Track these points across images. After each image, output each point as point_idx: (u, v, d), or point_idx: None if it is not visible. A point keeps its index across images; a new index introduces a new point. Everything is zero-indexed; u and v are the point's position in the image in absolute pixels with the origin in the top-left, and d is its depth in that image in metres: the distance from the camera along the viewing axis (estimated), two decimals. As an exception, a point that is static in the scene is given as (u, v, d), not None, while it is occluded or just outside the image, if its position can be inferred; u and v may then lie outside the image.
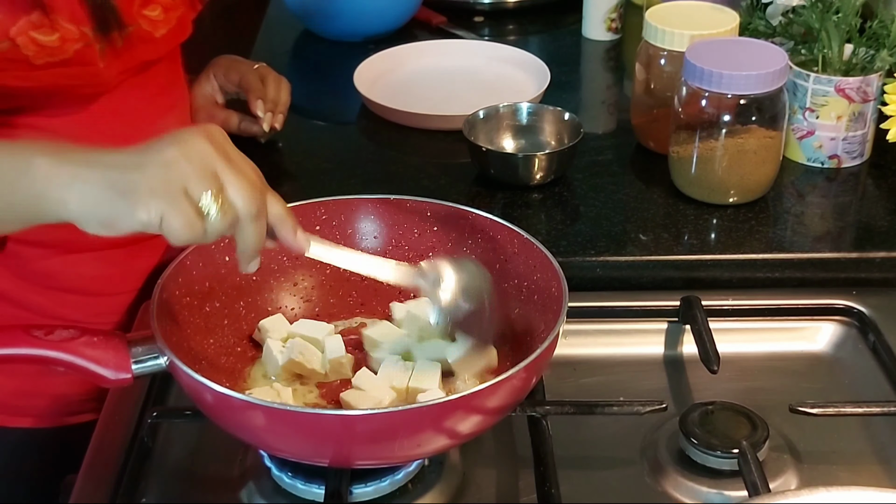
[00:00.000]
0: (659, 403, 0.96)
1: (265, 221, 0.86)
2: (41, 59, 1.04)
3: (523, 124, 1.37)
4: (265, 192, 0.86)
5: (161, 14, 1.14)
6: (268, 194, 0.86)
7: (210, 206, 0.83)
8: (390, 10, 1.72)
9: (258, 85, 1.34)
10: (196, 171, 0.82)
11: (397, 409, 0.89)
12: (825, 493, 0.75)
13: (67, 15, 1.05)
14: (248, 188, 0.84)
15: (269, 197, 0.86)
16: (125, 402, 1.02)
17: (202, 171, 0.82)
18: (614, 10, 1.69)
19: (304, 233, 0.89)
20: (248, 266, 0.88)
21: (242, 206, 0.83)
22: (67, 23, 1.04)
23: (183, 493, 0.95)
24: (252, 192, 0.84)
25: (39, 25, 1.03)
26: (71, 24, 1.05)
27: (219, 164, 0.83)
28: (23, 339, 0.88)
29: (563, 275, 0.95)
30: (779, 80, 1.20)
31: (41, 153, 0.85)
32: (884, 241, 1.20)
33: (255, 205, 0.84)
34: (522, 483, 0.95)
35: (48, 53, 1.04)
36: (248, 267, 0.88)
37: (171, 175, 0.82)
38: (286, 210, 0.87)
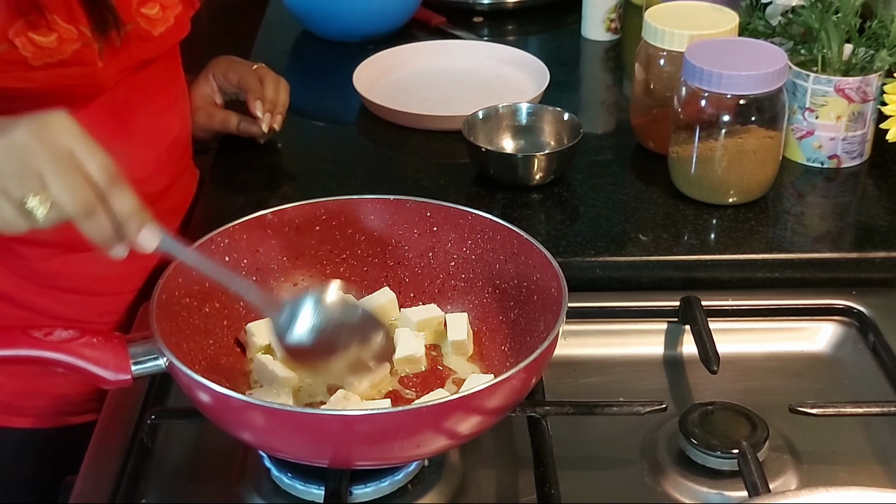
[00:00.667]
0: (659, 404, 0.96)
1: (103, 218, 0.83)
2: (39, 60, 1.04)
3: (523, 124, 1.37)
4: (105, 187, 0.83)
5: (159, 12, 1.14)
6: (113, 190, 0.83)
7: (32, 205, 0.82)
8: (390, 11, 1.72)
9: (257, 85, 1.34)
10: (15, 170, 0.81)
11: (397, 410, 0.89)
12: (825, 494, 0.75)
13: (65, 15, 1.04)
14: (74, 188, 0.81)
15: (113, 193, 0.83)
16: (125, 403, 1.02)
17: (22, 172, 0.81)
18: (614, 10, 1.69)
19: (153, 228, 0.86)
20: (109, 254, 0.86)
21: (66, 206, 0.82)
22: (65, 23, 1.04)
23: (183, 494, 0.95)
24: (77, 192, 0.81)
25: (37, 26, 1.03)
26: (69, 25, 1.05)
27: (42, 161, 0.81)
28: (22, 340, 0.88)
29: (562, 275, 0.95)
30: (778, 80, 1.20)
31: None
32: (884, 241, 1.20)
33: (80, 205, 0.82)
34: (522, 483, 0.95)
35: (46, 54, 1.04)
36: (109, 254, 0.86)
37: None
38: (133, 207, 0.85)
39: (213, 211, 1.28)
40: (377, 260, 1.07)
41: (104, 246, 0.85)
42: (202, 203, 1.31)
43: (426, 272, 1.07)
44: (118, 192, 0.84)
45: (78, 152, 0.83)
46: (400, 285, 1.07)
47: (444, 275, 1.06)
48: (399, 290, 1.06)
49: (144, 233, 0.86)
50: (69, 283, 1.17)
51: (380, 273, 1.07)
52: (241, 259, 1.03)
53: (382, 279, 1.07)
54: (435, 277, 1.06)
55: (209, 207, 1.29)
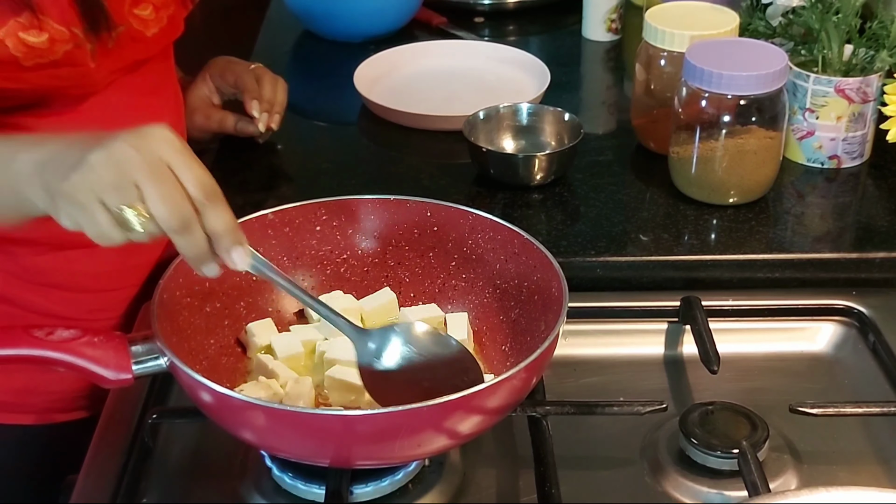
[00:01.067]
0: (659, 403, 0.96)
1: (199, 234, 0.82)
2: (30, 60, 1.04)
3: (523, 125, 1.37)
4: (203, 204, 0.82)
5: (152, 13, 1.14)
6: (210, 207, 0.82)
7: (129, 216, 0.81)
8: (390, 11, 1.72)
9: (254, 85, 1.34)
10: (113, 180, 0.81)
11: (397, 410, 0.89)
12: (825, 494, 0.75)
13: (57, 16, 1.04)
14: (172, 202, 0.80)
15: (210, 209, 0.82)
16: (126, 403, 1.02)
17: (119, 182, 0.81)
18: (614, 10, 1.69)
19: (246, 251, 0.85)
20: (201, 271, 0.85)
21: (163, 220, 0.81)
22: (57, 24, 1.04)
23: (183, 494, 0.95)
24: (174, 207, 0.81)
25: (28, 27, 1.02)
26: (60, 25, 1.04)
27: (141, 173, 0.80)
28: (23, 340, 0.88)
29: (563, 275, 0.95)
30: (779, 80, 1.20)
31: (24, 149, 0.87)
32: (884, 241, 1.20)
33: (176, 220, 0.81)
34: (522, 483, 0.95)
35: (37, 55, 1.04)
36: (200, 272, 0.85)
37: (87, 182, 0.81)
38: (227, 226, 0.84)
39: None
40: (377, 260, 1.07)
41: (195, 262, 0.85)
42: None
43: (426, 272, 1.07)
44: (214, 209, 0.83)
45: (176, 165, 0.82)
46: (400, 285, 1.07)
47: (444, 275, 1.06)
48: (399, 290, 1.06)
49: (236, 252, 0.85)
50: (59, 280, 1.17)
51: (380, 273, 1.07)
52: (242, 259, 1.03)
53: (382, 279, 1.07)
54: (435, 277, 1.07)
55: (210, 207, 1.29)
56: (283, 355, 0.99)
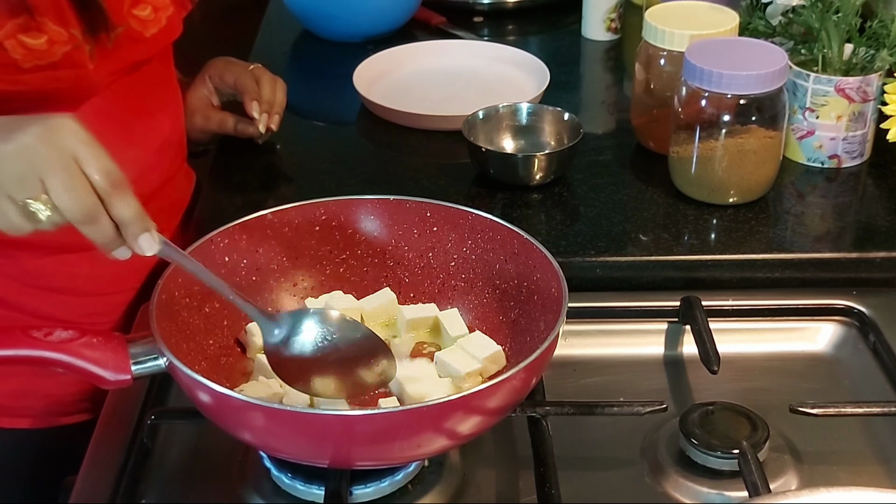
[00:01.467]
0: (659, 404, 0.96)
1: (105, 223, 0.84)
2: (29, 62, 1.03)
3: (523, 124, 1.37)
4: (109, 194, 0.84)
5: (151, 14, 1.14)
6: (115, 196, 0.84)
7: (35, 208, 0.83)
8: (390, 11, 1.72)
9: (253, 86, 1.33)
10: (19, 173, 0.83)
11: (397, 410, 0.89)
12: (825, 494, 0.75)
13: (55, 17, 1.04)
14: (74, 194, 0.82)
15: (115, 198, 0.84)
16: (125, 403, 1.02)
17: (24, 176, 0.82)
18: (614, 10, 1.69)
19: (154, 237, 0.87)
20: (111, 256, 0.87)
21: (67, 211, 0.83)
22: (56, 25, 1.04)
23: (183, 494, 0.95)
24: (79, 199, 0.82)
25: (27, 28, 1.02)
26: (59, 27, 1.04)
27: (47, 167, 0.82)
28: (22, 341, 0.88)
29: (562, 275, 0.95)
30: (779, 80, 1.20)
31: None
32: (884, 241, 1.20)
33: (80, 211, 0.83)
34: (522, 483, 0.95)
35: (36, 57, 1.04)
36: (111, 256, 0.87)
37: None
38: (133, 213, 0.85)
39: (213, 211, 1.28)
40: (377, 260, 1.07)
41: (105, 249, 0.86)
42: (201, 204, 1.31)
43: (426, 272, 1.07)
44: (120, 198, 0.85)
45: (82, 157, 0.83)
46: (400, 285, 1.07)
47: (444, 275, 1.06)
48: (399, 290, 1.06)
49: (144, 239, 0.86)
50: (57, 284, 1.17)
51: (380, 273, 1.07)
52: (241, 259, 1.03)
53: (382, 279, 1.07)
54: (435, 277, 1.06)
55: (208, 208, 1.29)
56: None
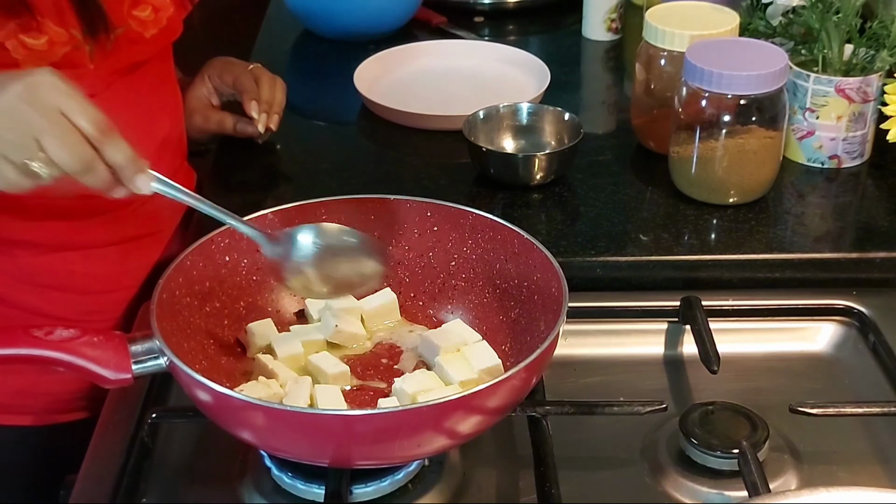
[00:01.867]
0: (659, 403, 0.96)
1: (101, 169, 0.88)
2: (29, 62, 1.04)
3: (523, 124, 1.37)
4: (100, 141, 0.87)
5: (151, 14, 1.14)
6: (106, 143, 0.88)
7: (34, 167, 0.87)
8: (390, 11, 1.72)
9: (252, 86, 1.33)
10: (12, 136, 0.86)
11: (397, 409, 0.89)
12: (825, 494, 0.75)
13: (56, 18, 1.04)
14: (70, 145, 0.86)
15: (108, 145, 0.88)
16: (125, 402, 1.02)
17: (18, 136, 0.86)
18: (614, 10, 1.69)
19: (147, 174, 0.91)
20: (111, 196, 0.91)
21: (66, 165, 0.87)
22: (56, 26, 1.04)
23: (183, 493, 0.95)
24: (74, 150, 0.86)
25: (28, 29, 1.02)
26: (59, 27, 1.04)
27: (37, 127, 0.86)
28: (23, 340, 0.88)
29: (563, 275, 0.95)
30: (779, 80, 1.20)
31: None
32: (884, 241, 1.20)
33: (78, 162, 0.87)
34: (522, 483, 0.95)
35: (36, 57, 1.04)
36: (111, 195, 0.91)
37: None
38: (126, 156, 0.89)
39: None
40: (377, 260, 1.07)
41: (103, 192, 0.90)
42: (202, 203, 1.31)
43: (426, 272, 1.07)
44: (111, 144, 0.88)
45: (68, 110, 0.87)
46: (400, 285, 1.07)
47: (444, 275, 1.06)
48: (399, 291, 1.06)
49: (140, 179, 0.90)
50: (57, 282, 1.17)
51: (380, 273, 1.07)
52: (241, 259, 1.03)
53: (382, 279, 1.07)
54: (435, 277, 1.06)
55: (209, 207, 1.29)
56: (284, 355, 0.99)
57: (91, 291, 1.20)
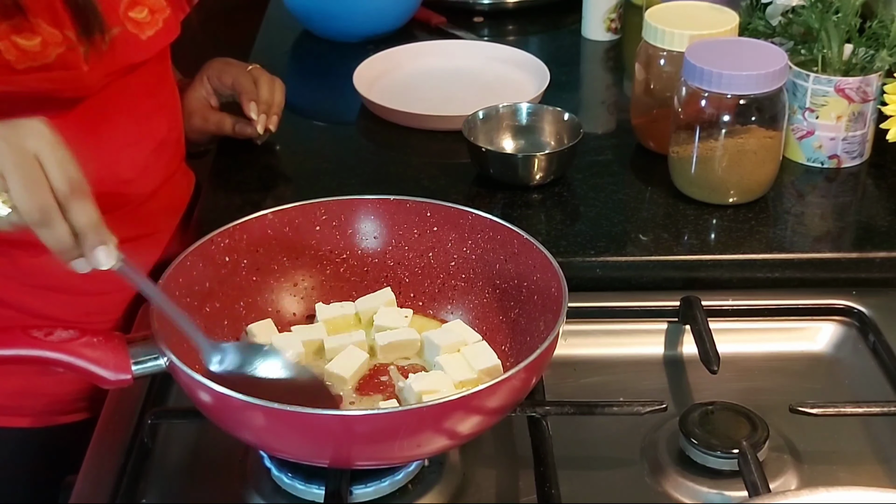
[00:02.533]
0: (659, 403, 0.96)
1: (61, 228, 0.82)
2: (23, 63, 1.03)
3: (523, 124, 1.37)
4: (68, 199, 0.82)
5: (147, 16, 1.14)
6: (74, 202, 0.83)
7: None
8: (390, 11, 1.72)
9: (251, 87, 1.33)
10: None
11: (397, 410, 0.89)
12: (825, 494, 0.75)
13: (49, 18, 1.04)
14: (31, 193, 0.81)
15: (74, 204, 0.83)
16: (125, 403, 1.02)
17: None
18: (614, 10, 1.69)
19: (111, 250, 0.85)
20: (70, 266, 0.85)
21: (24, 210, 0.82)
22: (49, 26, 1.04)
23: (183, 494, 0.95)
24: (35, 199, 0.81)
25: (21, 30, 1.02)
26: (53, 28, 1.04)
27: (7, 164, 0.81)
28: (22, 340, 0.88)
29: (562, 275, 0.95)
30: (778, 80, 1.20)
31: None
32: (884, 241, 1.20)
33: (36, 212, 0.81)
34: (522, 483, 0.95)
35: (30, 58, 1.03)
36: (70, 267, 0.85)
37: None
38: (91, 222, 0.84)
39: (213, 212, 1.28)
40: (377, 260, 1.07)
41: (62, 257, 0.84)
42: (201, 204, 1.31)
43: (426, 272, 1.07)
44: (79, 205, 0.83)
45: (44, 158, 0.82)
46: (400, 285, 1.07)
47: (444, 275, 1.06)
48: (399, 291, 1.06)
49: (101, 251, 0.84)
50: (56, 283, 1.17)
51: (380, 273, 1.07)
52: (242, 259, 1.03)
53: (382, 279, 1.07)
54: (435, 277, 1.06)
55: (209, 208, 1.29)
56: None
57: (90, 293, 1.19)
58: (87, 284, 1.18)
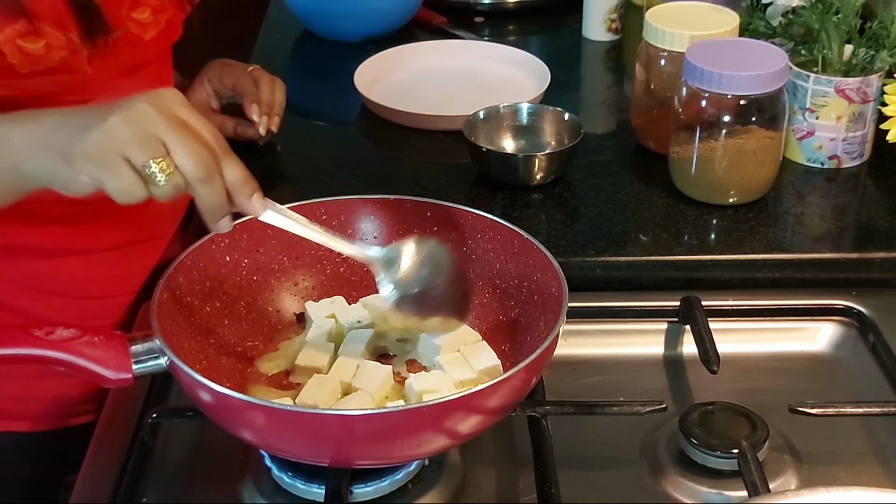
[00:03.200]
0: (659, 403, 0.96)
1: (220, 184, 0.86)
2: (27, 67, 1.03)
3: (523, 124, 1.37)
4: (220, 156, 0.86)
5: (150, 16, 1.14)
6: (225, 158, 0.86)
7: (154, 170, 0.84)
8: (390, 11, 1.72)
9: (252, 88, 1.33)
10: (136, 136, 0.84)
11: (397, 409, 0.89)
12: (825, 494, 0.75)
13: (54, 21, 1.04)
14: (196, 152, 0.84)
15: (225, 161, 0.86)
16: (125, 403, 1.02)
17: (142, 137, 0.84)
18: (614, 10, 1.69)
19: (263, 199, 0.89)
20: (216, 226, 0.89)
21: (189, 170, 0.84)
22: (54, 30, 1.04)
23: (183, 493, 0.95)
24: (199, 156, 0.84)
25: (25, 33, 1.02)
26: (57, 31, 1.04)
27: (163, 128, 0.84)
28: (23, 339, 0.88)
29: (563, 275, 0.95)
30: (779, 80, 1.20)
31: (17, 125, 0.90)
32: (884, 241, 1.20)
33: (202, 169, 0.85)
34: (522, 483, 0.95)
35: (34, 62, 1.03)
36: (215, 227, 0.89)
37: (110, 141, 0.84)
38: (244, 175, 0.88)
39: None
40: (377, 260, 1.07)
41: (214, 214, 0.87)
42: (203, 203, 1.31)
43: (426, 272, 1.07)
44: (230, 160, 0.87)
45: (191, 120, 0.86)
46: (400, 285, 1.07)
47: (444, 274, 1.06)
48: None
49: (256, 199, 0.88)
50: (59, 287, 1.17)
51: (380, 273, 1.07)
52: (242, 259, 1.03)
53: (383, 279, 1.07)
54: (435, 277, 1.06)
55: (210, 207, 1.29)
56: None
57: (93, 296, 1.19)
58: (91, 288, 1.19)
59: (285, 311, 1.05)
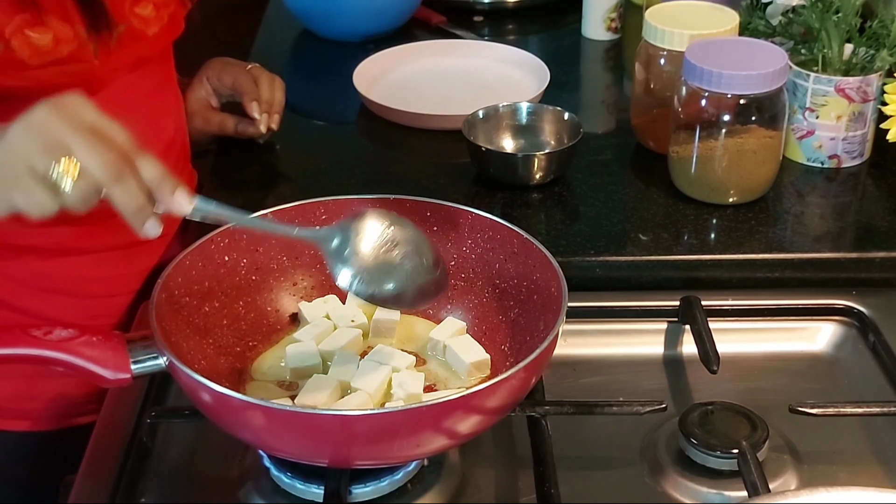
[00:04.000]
0: (659, 403, 0.96)
1: (134, 184, 0.83)
2: (36, 60, 1.04)
3: (523, 124, 1.37)
4: (131, 155, 0.83)
5: (153, 12, 1.14)
6: (139, 157, 0.83)
7: (61, 177, 0.81)
8: (390, 10, 1.72)
9: (252, 87, 1.33)
10: (37, 145, 0.82)
11: (397, 409, 0.89)
12: (825, 494, 0.75)
13: (60, 14, 1.04)
14: (101, 152, 0.81)
15: (140, 161, 0.83)
16: (124, 403, 1.02)
17: (44, 144, 0.81)
18: (614, 9, 1.69)
19: (188, 195, 0.85)
20: (143, 231, 0.85)
21: (97, 171, 0.81)
22: (61, 22, 1.04)
23: (182, 493, 0.95)
24: (105, 157, 0.81)
25: (33, 23, 1.02)
26: (64, 24, 1.04)
27: (66, 132, 0.81)
28: (21, 339, 0.88)
29: (562, 275, 0.95)
30: (779, 79, 1.20)
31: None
32: (884, 241, 1.20)
33: (112, 168, 0.82)
34: (522, 483, 0.95)
35: (42, 54, 1.04)
36: (143, 232, 0.85)
37: (12, 155, 0.82)
38: (162, 172, 0.84)
39: (213, 210, 1.28)
40: (377, 259, 1.07)
41: (137, 217, 0.84)
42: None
43: (426, 272, 1.07)
44: (145, 159, 0.84)
45: (98, 124, 0.83)
46: (399, 285, 1.07)
47: (443, 274, 1.06)
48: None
49: (179, 195, 0.85)
50: (61, 286, 1.17)
51: (379, 273, 1.07)
52: (241, 259, 1.03)
53: (382, 279, 1.07)
54: (435, 277, 1.06)
55: (209, 207, 1.29)
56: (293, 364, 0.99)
57: (96, 295, 1.20)
58: (93, 287, 1.19)
59: (284, 311, 1.05)
